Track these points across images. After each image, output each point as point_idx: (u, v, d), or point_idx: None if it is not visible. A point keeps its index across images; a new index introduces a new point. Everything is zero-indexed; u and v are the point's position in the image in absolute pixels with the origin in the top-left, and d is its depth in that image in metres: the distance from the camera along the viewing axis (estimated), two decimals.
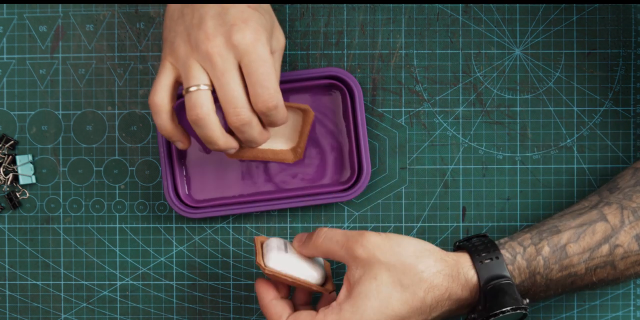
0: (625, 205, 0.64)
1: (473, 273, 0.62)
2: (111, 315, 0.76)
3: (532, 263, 0.63)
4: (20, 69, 0.76)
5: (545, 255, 0.63)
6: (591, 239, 0.63)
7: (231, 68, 0.61)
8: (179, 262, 0.76)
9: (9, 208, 0.76)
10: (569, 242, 0.63)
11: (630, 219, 0.63)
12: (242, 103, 0.62)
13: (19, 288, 0.77)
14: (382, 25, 0.75)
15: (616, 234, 0.63)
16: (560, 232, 0.64)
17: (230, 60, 0.61)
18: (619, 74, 0.75)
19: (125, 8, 0.76)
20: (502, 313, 0.61)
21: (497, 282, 0.61)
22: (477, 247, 0.63)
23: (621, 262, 0.63)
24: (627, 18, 0.75)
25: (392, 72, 0.75)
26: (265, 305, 0.66)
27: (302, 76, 0.73)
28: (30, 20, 0.76)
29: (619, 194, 0.65)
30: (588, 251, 0.63)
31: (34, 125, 0.76)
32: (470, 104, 0.75)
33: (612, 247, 0.63)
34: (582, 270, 0.63)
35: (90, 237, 0.76)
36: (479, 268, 0.62)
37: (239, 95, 0.61)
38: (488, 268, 0.62)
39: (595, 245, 0.63)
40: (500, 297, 0.61)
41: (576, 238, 0.63)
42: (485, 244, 0.64)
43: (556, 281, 0.64)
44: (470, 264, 0.62)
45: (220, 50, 0.61)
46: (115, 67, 0.76)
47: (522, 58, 0.75)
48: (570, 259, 0.63)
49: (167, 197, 0.74)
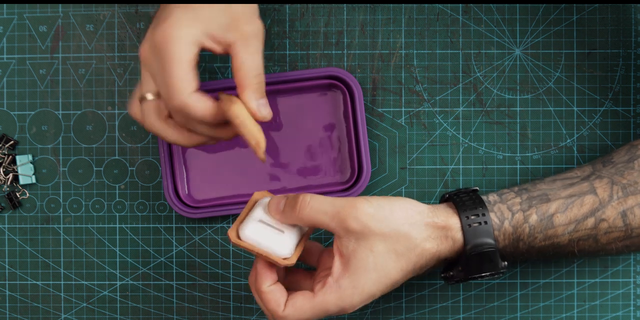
0: (616, 181, 0.64)
1: (460, 236, 0.62)
2: (111, 315, 0.76)
3: (518, 230, 0.63)
4: (20, 69, 0.76)
5: (532, 224, 0.63)
6: (578, 210, 0.64)
7: (156, 69, 0.61)
8: (179, 262, 0.76)
9: (9, 208, 0.76)
10: (556, 212, 0.63)
11: (618, 195, 0.64)
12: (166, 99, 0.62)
13: (19, 288, 0.77)
14: (382, 25, 0.75)
15: (603, 208, 0.63)
16: (550, 201, 0.64)
17: (154, 62, 0.61)
18: (619, 74, 0.75)
19: (125, 8, 0.76)
20: (480, 277, 0.63)
21: (481, 248, 0.62)
22: (465, 204, 0.63)
23: (604, 236, 0.64)
24: (627, 18, 0.75)
25: (392, 72, 0.75)
26: (263, 291, 0.63)
27: (302, 76, 0.73)
28: (30, 20, 0.76)
29: (611, 168, 0.66)
30: (574, 223, 0.63)
31: (34, 125, 0.76)
32: (470, 104, 0.75)
33: (598, 220, 0.63)
34: (565, 241, 0.64)
35: (90, 237, 0.76)
36: (467, 231, 0.62)
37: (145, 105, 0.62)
38: (475, 233, 0.62)
39: (582, 217, 0.63)
40: (482, 264, 0.62)
41: (564, 208, 0.64)
42: (474, 201, 0.64)
43: (538, 249, 0.64)
44: (459, 226, 0.62)
45: (146, 53, 0.61)
46: (115, 67, 0.76)
47: (522, 58, 0.75)
48: (555, 229, 0.63)
49: (167, 197, 0.74)
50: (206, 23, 0.61)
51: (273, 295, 0.62)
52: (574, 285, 0.75)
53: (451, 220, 0.63)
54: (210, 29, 0.61)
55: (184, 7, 0.60)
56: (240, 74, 0.61)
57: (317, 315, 0.62)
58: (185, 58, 0.60)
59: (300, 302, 0.62)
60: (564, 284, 0.75)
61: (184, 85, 0.60)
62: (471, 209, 0.63)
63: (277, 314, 0.62)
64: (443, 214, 0.63)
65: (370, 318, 0.76)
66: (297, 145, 0.75)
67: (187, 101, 0.60)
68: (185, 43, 0.60)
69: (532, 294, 0.76)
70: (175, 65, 0.60)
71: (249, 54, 0.62)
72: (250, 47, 0.62)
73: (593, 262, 0.75)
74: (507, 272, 0.75)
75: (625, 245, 0.65)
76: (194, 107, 0.60)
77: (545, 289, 0.76)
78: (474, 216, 0.63)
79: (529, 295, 0.76)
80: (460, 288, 0.76)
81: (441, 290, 0.76)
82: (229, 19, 0.61)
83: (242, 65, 0.61)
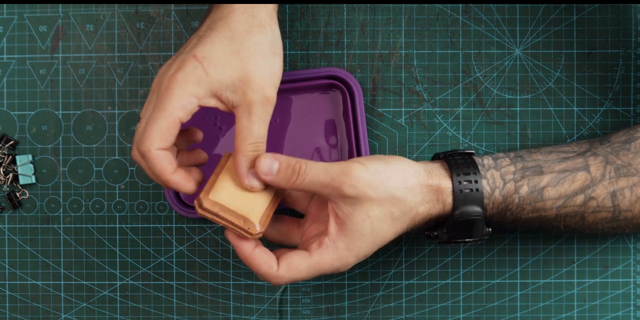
0: (610, 160, 0.64)
1: (451, 200, 0.62)
2: (111, 315, 0.76)
3: (508, 200, 0.63)
4: (20, 69, 0.76)
5: (522, 195, 0.63)
6: (569, 186, 0.64)
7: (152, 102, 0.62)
8: (179, 262, 0.76)
9: (9, 208, 0.76)
10: (547, 186, 0.64)
11: (611, 175, 0.64)
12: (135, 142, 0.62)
13: (19, 288, 0.77)
14: (382, 25, 0.75)
15: (594, 186, 0.64)
16: (543, 174, 0.64)
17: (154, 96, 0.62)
18: (619, 74, 0.75)
19: (125, 8, 0.76)
20: (463, 243, 0.64)
21: (468, 216, 0.62)
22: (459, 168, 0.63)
23: (591, 215, 0.64)
24: (627, 18, 0.75)
25: (392, 72, 0.75)
26: (248, 257, 0.62)
27: (302, 76, 0.73)
28: (30, 20, 0.76)
29: (607, 147, 0.66)
30: (563, 198, 0.63)
31: (34, 125, 0.76)
32: (470, 104, 0.75)
33: (587, 198, 0.64)
34: (552, 215, 0.64)
35: (90, 237, 0.76)
36: (457, 196, 0.62)
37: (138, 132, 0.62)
38: (465, 199, 0.62)
39: (572, 193, 0.64)
40: (467, 230, 0.63)
41: (555, 183, 0.64)
42: (468, 166, 0.64)
43: (524, 220, 0.64)
44: (451, 190, 0.62)
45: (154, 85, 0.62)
46: (115, 67, 0.76)
47: (522, 58, 0.75)
48: (544, 203, 0.64)
49: (167, 197, 0.74)
50: (213, 84, 0.60)
51: (261, 258, 0.62)
52: (574, 285, 0.75)
53: (444, 182, 0.63)
54: (217, 90, 0.61)
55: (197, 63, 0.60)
56: (238, 139, 0.61)
57: (312, 274, 0.62)
58: (176, 115, 0.60)
59: (296, 262, 0.61)
60: (564, 284, 0.75)
61: (156, 140, 0.60)
62: (464, 173, 0.63)
63: (271, 275, 0.61)
64: (437, 176, 0.63)
65: (371, 318, 0.76)
66: (297, 145, 0.74)
67: (148, 154, 0.60)
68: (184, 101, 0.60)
69: (532, 294, 0.76)
70: (164, 117, 0.60)
71: (250, 121, 0.61)
72: (252, 115, 0.61)
73: (593, 262, 0.75)
74: (509, 273, 0.75)
75: (611, 227, 0.65)
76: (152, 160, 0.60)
77: (545, 289, 0.76)
78: (466, 182, 0.63)
79: (529, 296, 0.76)
80: (460, 288, 0.76)
81: (441, 290, 0.76)
82: (238, 81, 0.61)
83: (241, 131, 0.61)
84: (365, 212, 0.60)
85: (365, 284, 0.76)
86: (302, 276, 0.62)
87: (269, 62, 0.62)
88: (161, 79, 0.61)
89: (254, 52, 0.61)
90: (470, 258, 0.76)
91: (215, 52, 0.60)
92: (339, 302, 0.76)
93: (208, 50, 0.60)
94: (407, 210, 0.61)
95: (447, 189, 0.62)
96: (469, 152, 0.65)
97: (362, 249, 0.61)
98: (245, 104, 0.61)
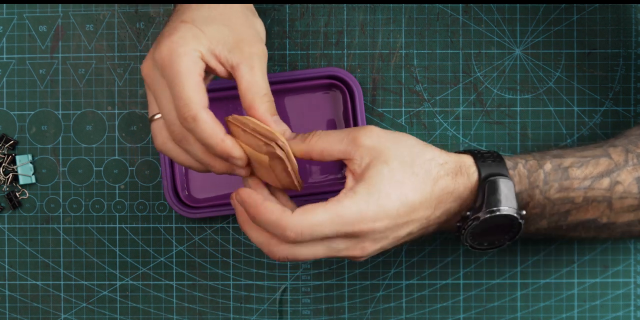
0: (630, 149, 0.64)
1: (474, 170, 0.60)
2: (111, 315, 0.76)
3: (533, 174, 0.61)
4: (20, 69, 0.76)
5: (547, 171, 0.62)
6: (594, 168, 0.62)
7: (159, 86, 0.60)
8: (179, 262, 0.76)
9: (9, 208, 0.76)
10: (571, 166, 0.62)
11: (634, 161, 0.63)
12: (172, 119, 0.59)
13: (19, 288, 0.77)
14: (382, 25, 0.75)
15: (618, 170, 0.62)
16: (564, 157, 0.63)
17: (156, 79, 0.60)
18: (619, 74, 0.75)
19: (125, 8, 0.76)
20: (499, 211, 0.59)
21: (496, 177, 0.59)
22: (479, 151, 0.62)
23: (618, 201, 0.63)
24: (627, 18, 0.75)
25: (392, 72, 0.75)
26: (260, 205, 0.57)
27: (302, 76, 0.73)
28: (30, 20, 0.76)
29: (624, 139, 0.65)
30: (589, 179, 0.62)
31: (34, 125, 0.76)
32: (470, 104, 0.75)
33: (613, 182, 0.62)
34: (580, 197, 0.62)
35: (90, 237, 0.76)
36: (480, 166, 0.60)
37: (170, 111, 0.59)
38: (489, 167, 0.60)
39: (597, 175, 0.62)
40: (498, 194, 0.59)
41: (580, 164, 0.62)
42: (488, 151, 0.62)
43: (553, 202, 0.62)
44: (473, 162, 0.61)
45: (149, 71, 0.60)
46: (115, 67, 0.76)
47: (522, 58, 0.75)
48: (571, 181, 0.62)
49: (167, 197, 0.74)
50: (210, 42, 0.60)
51: (271, 207, 0.57)
52: (574, 286, 0.75)
53: (464, 157, 0.61)
54: (215, 48, 0.60)
55: (189, 24, 0.60)
56: (249, 95, 0.60)
57: (331, 224, 0.56)
58: (195, 71, 0.58)
59: (312, 208, 0.56)
60: (564, 284, 0.75)
61: (197, 97, 0.58)
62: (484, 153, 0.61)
63: (284, 222, 0.56)
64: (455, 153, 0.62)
65: (370, 318, 0.76)
66: None
67: (199, 115, 0.58)
68: (193, 57, 0.58)
69: (533, 294, 0.76)
70: (186, 77, 0.58)
71: (254, 74, 0.60)
72: (255, 68, 0.60)
73: (593, 262, 0.75)
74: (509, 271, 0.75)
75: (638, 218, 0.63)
76: (203, 123, 0.58)
77: (545, 289, 0.76)
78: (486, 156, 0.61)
79: (529, 296, 0.76)
80: (460, 288, 0.76)
81: (441, 291, 0.76)
82: (233, 40, 0.60)
83: (250, 86, 0.60)
84: (384, 160, 0.58)
85: (365, 284, 0.76)
86: (319, 225, 0.56)
87: (251, 21, 0.63)
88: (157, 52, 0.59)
89: (237, 13, 0.62)
90: (470, 258, 0.76)
91: (202, 14, 0.60)
92: (339, 302, 0.76)
93: (195, 14, 0.60)
94: (427, 168, 0.59)
95: (469, 161, 0.61)
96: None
97: (382, 198, 0.56)
98: (246, 59, 0.60)
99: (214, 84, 0.73)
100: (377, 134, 0.59)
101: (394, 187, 0.57)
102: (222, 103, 0.74)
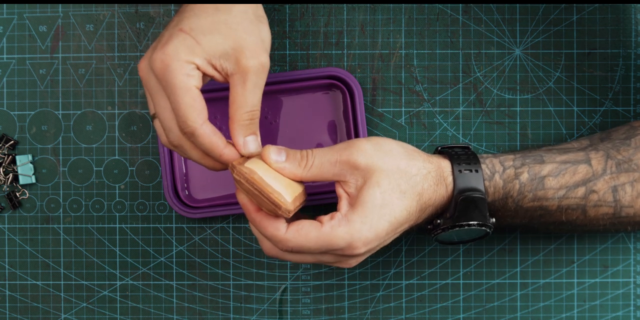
0: (611, 155, 0.64)
1: (451, 180, 0.62)
2: (111, 315, 0.76)
3: (508, 185, 0.63)
4: (20, 69, 0.76)
5: (523, 181, 0.63)
6: (571, 177, 0.63)
7: (156, 90, 0.60)
8: (179, 262, 0.76)
9: (9, 208, 0.76)
10: (548, 175, 0.63)
11: (612, 170, 0.64)
12: (170, 126, 0.60)
13: (19, 288, 0.77)
14: (382, 25, 0.75)
15: (595, 180, 0.63)
16: (544, 163, 0.64)
17: (153, 82, 0.60)
18: (619, 74, 0.75)
19: (125, 8, 0.76)
20: (467, 226, 0.62)
21: (470, 193, 0.61)
22: (459, 156, 0.63)
23: (592, 209, 0.64)
24: (627, 18, 0.75)
25: (392, 72, 0.75)
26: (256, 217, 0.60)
27: (302, 76, 0.73)
28: (30, 20, 0.76)
29: (608, 143, 0.66)
30: (564, 189, 0.63)
31: (34, 125, 0.76)
32: (470, 104, 0.75)
33: (588, 191, 0.63)
34: (554, 206, 0.63)
35: (90, 237, 0.76)
36: (457, 176, 0.62)
37: (167, 118, 0.60)
38: (465, 178, 0.61)
39: (573, 184, 0.63)
40: (470, 210, 0.61)
41: (557, 173, 0.63)
42: (467, 155, 0.63)
43: (526, 210, 0.64)
44: (450, 170, 0.62)
45: (145, 73, 0.60)
46: (115, 67, 0.76)
47: (522, 58, 0.75)
48: (546, 192, 0.63)
49: (167, 197, 0.74)
50: (207, 52, 0.59)
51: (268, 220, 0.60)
52: (574, 285, 0.75)
53: (443, 163, 0.62)
54: (210, 56, 0.60)
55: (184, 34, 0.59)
56: (232, 108, 0.60)
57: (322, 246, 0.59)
58: (190, 84, 0.59)
59: (307, 229, 0.59)
60: (564, 284, 0.75)
61: (194, 114, 0.59)
62: (463, 159, 0.63)
63: (279, 237, 0.59)
64: (436, 157, 0.63)
65: (371, 318, 0.76)
66: (297, 146, 0.74)
67: (197, 131, 0.59)
68: (187, 71, 0.59)
69: (532, 294, 0.76)
70: (182, 94, 0.58)
71: (244, 89, 0.60)
72: (247, 83, 0.60)
73: (593, 262, 0.75)
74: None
75: (612, 223, 0.65)
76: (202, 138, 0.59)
77: (545, 289, 0.76)
78: (465, 164, 0.62)
79: (529, 296, 0.76)
80: (460, 288, 0.76)
81: (441, 290, 0.76)
82: (231, 51, 0.60)
83: (235, 100, 0.60)
84: (376, 182, 0.59)
85: (365, 284, 0.76)
86: (310, 245, 0.59)
87: (258, 28, 0.62)
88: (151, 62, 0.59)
89: (242, 20, 0.61)
90: (470, 258, 0.76)
91: (202, 22, 0.60)
92: (339, 302, 0.76)
93: (194, 22, 0.60)
94: (413, 184, 0.60)
95: (447, 168, 0.62)
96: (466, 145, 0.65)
97: (375, 221, 0.59)
98: (240, 72, 0.60)
99: (214, 84, 0.73)
100: (369, 153, 0.60)
101: (385, 210, 0.60)
102: (221, 103, 0.74)
